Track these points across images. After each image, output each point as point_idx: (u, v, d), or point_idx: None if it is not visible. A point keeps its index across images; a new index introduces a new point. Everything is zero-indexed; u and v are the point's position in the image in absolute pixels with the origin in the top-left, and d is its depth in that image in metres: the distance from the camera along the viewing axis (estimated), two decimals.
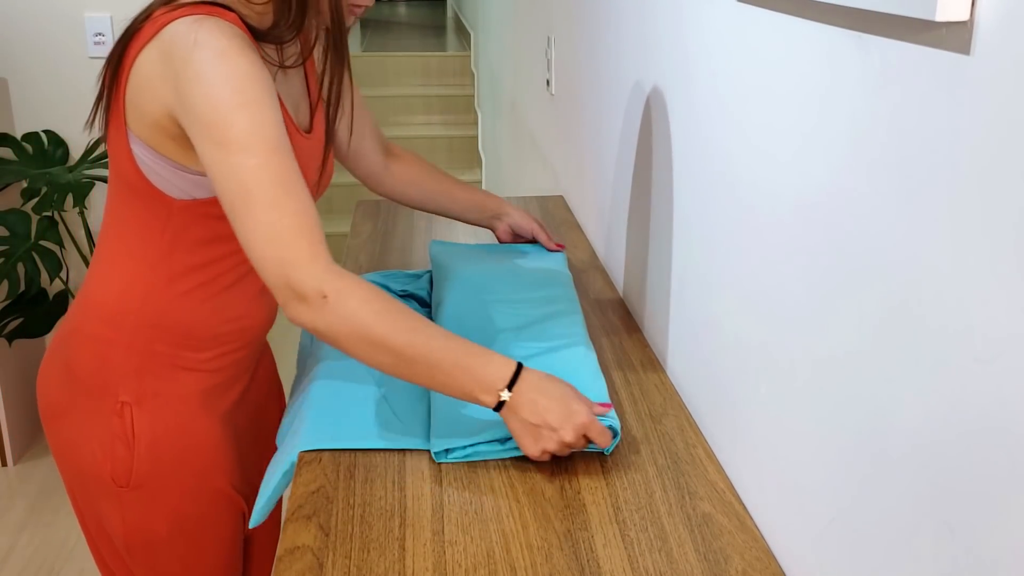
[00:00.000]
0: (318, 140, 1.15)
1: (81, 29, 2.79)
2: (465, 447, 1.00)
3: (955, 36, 0.57)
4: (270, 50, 1.05)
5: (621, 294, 1.49)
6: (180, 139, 0.98)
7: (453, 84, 5.86)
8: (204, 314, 1.10)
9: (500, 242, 1.50)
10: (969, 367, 0.56)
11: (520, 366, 0.96)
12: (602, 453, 1.02)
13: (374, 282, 1.35)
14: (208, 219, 1.05)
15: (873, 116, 0.67)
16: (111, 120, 1.02)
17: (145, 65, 0.96)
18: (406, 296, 1.37)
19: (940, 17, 0.56)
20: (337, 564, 0.86)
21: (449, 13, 9.00)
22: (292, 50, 1.09)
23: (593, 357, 1.15)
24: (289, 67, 1.08)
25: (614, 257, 1.54)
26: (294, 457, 1.02)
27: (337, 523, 0.91)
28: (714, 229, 1.03)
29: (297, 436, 1.04)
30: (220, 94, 0.91)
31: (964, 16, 0.55)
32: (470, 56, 5.83)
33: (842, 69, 0.71)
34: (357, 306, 0.91)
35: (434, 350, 0.93)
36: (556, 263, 1.45)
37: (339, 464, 1.01)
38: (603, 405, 0.99)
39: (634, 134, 1.38)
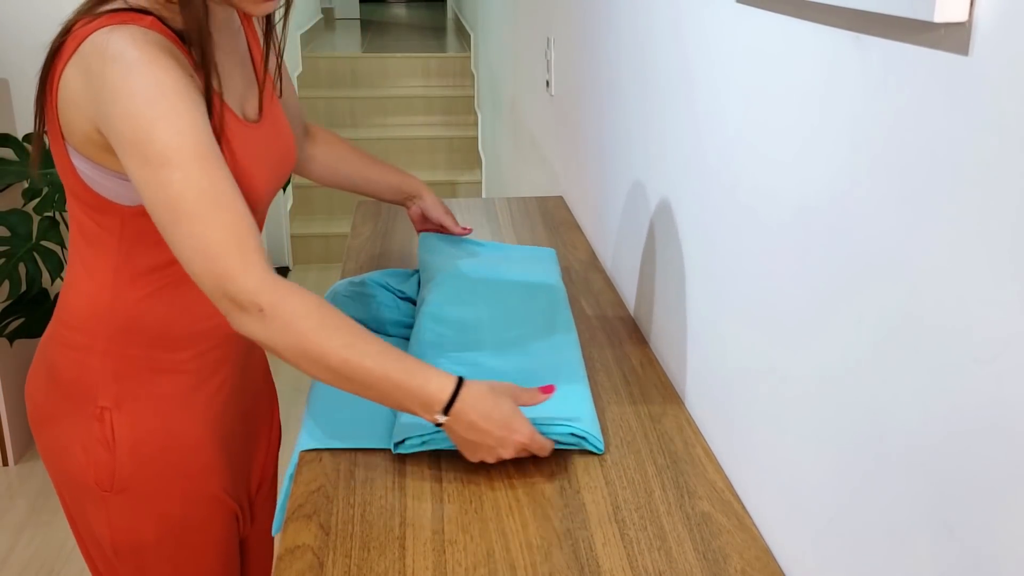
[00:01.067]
0: (272, 127, 1.14)
1: None
2: (421, 436, 1.00)
3: (954, 37, 0.57)
4: (234, 40, 1.05)
5: (621, 294, 1.49)
6: (112, 149, 0.98)
7: (453, 85, 5.86)
8: (174, 314, 1.09)
9: (413, 223, 1.52)
10: (969, 367, 0.57)
11: (460, 381, 0.95)
12: (601, 452, 1.02)
13: (376, 282, 1.35)
14: None
15: (872, 117, 0.67)
16: (50, 135, 1.02)
17: (69, 82, 0.95)
18: (404, 299, 1.36)
19: (939, 18, 0.56)
20: (337, 563, 0.86)
21: (449, 14, 9.00)
22: (231, 45, 1.09)
23: (581, 370, 1.13)
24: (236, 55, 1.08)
25: (614, 257, 1.54)
26: (295, 457, 1.02)
27: (337, 522, 0.92)
28: (713, 229, 1.03)
29: (299, 436, 1.05)
30: (135, 110, 0.90)
31: (962, 17, 0.55)
32: (470, 57, 5.84)
33: (841, 70, 0.71)
34: (291, 320, 0.90)
35: (370, 369, 0.92)
36: (548, 274, 1.42)
37: (339, 464, 1.01)
38: (544, 390, 1.00)
39: (634, 135, 1.38)
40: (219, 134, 1.01)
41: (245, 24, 1.16)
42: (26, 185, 2.65)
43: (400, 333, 1.29)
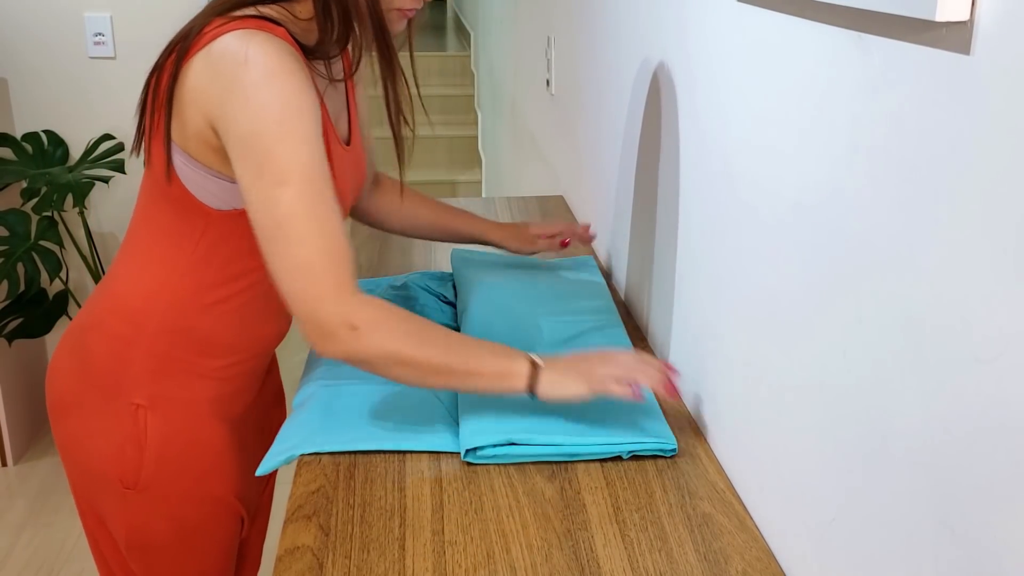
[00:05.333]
0: (356, 151, 1.16)
1: (81, 29, 2.79)
2: (495, 445, 0.99)
3: (955, 36, 0.57)
4: (320, 65, 1.05)
5: (623, 294, 1.49)
6: (221, 151, 0.98)
7: (453, 84, 5.86)
8: (224, 324, 1.10)
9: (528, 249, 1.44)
10: (970, 367, 0.56)
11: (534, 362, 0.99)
12: (603, 458, 1.01)
13: (416, 284, 1.37)
14: (246, 229, 1.04)
15: (873, 116, 0.67)
16: (155, 128, 1.02)
17: (191, 76, 0.95)
18: (446, 302, 1.37)
19: (940, 17, 0.56)
20: (337, 564, 0.86)
21: (449, 13, 9.00)
22: (340, 64, 1.09)
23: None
24: (339, 81, 1.08)
25: (615, 257, 1.54)
26: (294, 454, 1.02)
27: (337, 523, 0.91)
28: (715, 229, 1.03)
29: (298, 436, 1.04)
30: (264, 120, 0.92)
31: (964, 16, 0.55)
32: (470, 56, 5.83)
33: (842, 69, 0.71)
34: (387, 333, 0.94)
35: (467, 358, 0.97)
36: (588, 272, 1.45)
37: (339, 464, 1.01)
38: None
39: (634, 134, 1.38)
40: (328, 150, 1.03)
41: None
42: (24, 185, 2.65)
43: None
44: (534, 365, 0.97)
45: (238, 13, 0.96)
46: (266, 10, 0.98)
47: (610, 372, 0.98)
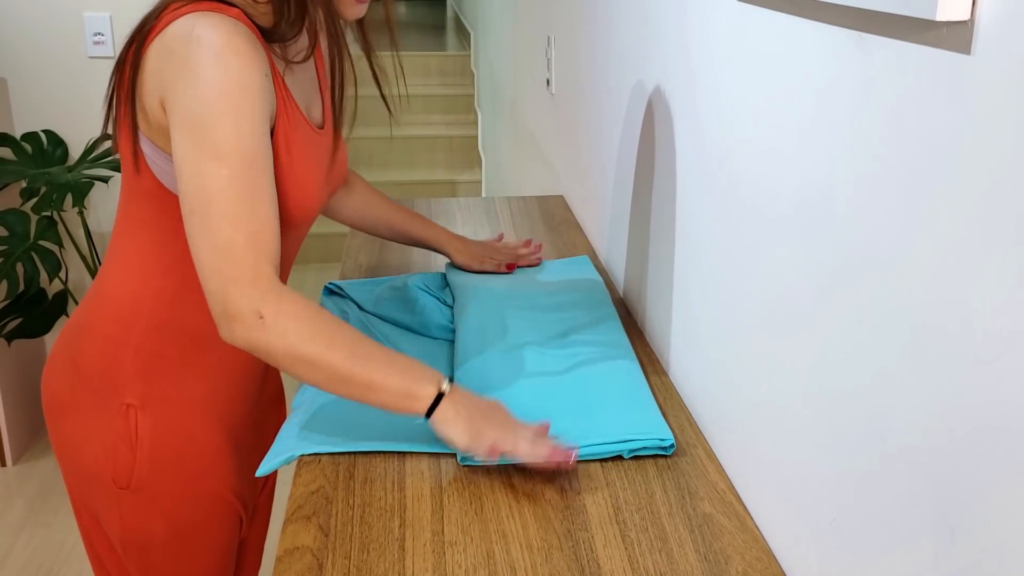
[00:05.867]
0: (329, 136, 1.15)
1: (80, 29, 2.79)
2: None
3: (955, 36, 0.56)
4: (276, 47, 1.05)
5: (622, 294, 1.49)
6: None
7: (453, 84, 5.85)
8: (211, 317, 1.10)
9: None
10: (970, 367, 0.56)
11: (451, 379, 0.97)
12: (603, 458, 1.01)
13: (417, 286, 1.37)
14: None
15: (873, 116, 0.67)
16: (120, 121, 1.02)
17: (148, 61, 0.97)
18: (446, 304, 1.37)
19: (940, 17, 0.56)
20: (337, 564, 0.86)
21: (449, 13, 9.00)
22: (299, 46, 1.09)
23: (637, 370, 1.16)
24: (297, 63, 1.08)
25: (615, 257, 1.54)
26: (294, 455, 1.02)
27: (337, 524, 0.91)
28: (715, 229, 1.03)
29: (298, 436, 1.04)
30: (208, 97, 0.92)
31: (964, 16, 0.55)
32: (470, 56, 5.83)
33: (843, 68, 0.71)
34: (294, 327, 0.92)
35: (373, 370, 0.94)
36: (585, 270, 1.46)
37: (339, 464, 1.01)
38: (564, 452, 0.95)
39: (635, 133, 1.38)
40: (289, 134, 1.03)
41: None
42: (24, 185, 2.65)
43: (444, 336, 1.30)
44: (440, 393, 0.95)
45: None
46: None
47: (496, 438, 0.94)
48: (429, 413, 0.95)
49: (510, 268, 1.46)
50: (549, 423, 0.99)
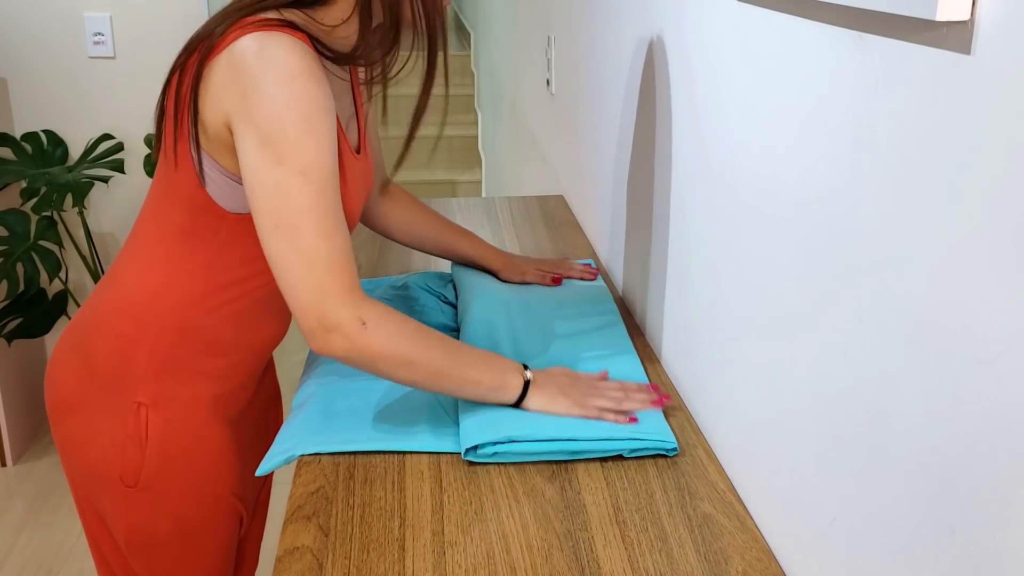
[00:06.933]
0: (365, 160, 1.16)
1: (80, 29, 2.78)
2: (495, 443, 0.99)
3: (956, 36, 0.56)
4: (340, 70, 1.05)
5: (621, 293, 1.49)
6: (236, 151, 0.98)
7: (453, 84, 5.84)
8: (228, 324, 1.11)
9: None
10: (970, 367, 0.56)
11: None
12: (603, 457, 1.01)
13: (417, 285, 1.38)
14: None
15: (873, 116, 0.67)
16: (178, 129, 1.01)
17: (211, 76, 0.96)
18: (447, 303, 1.37)
19: (940, 17, 0.56)
20: (337, 565, 0.86)
21: (449, 13, 8.99)
22: (354, 70, 1.09)
23: (640, 372, 1.17)
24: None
25: (615, 256, 1.54)
26: (294, 455, 1.02)
27: (337, 524, 0.91)
28: (714, 229, 1.03)
29: (297, 436, 1.04)
30: (288, 117, 0.92)
31: (964, 16, 0.55)
32: (470, 56, 5.83)
33: (842, 69, 0.71)
34: (395, 331, 0.96)
35: (465, 365, 1.01)
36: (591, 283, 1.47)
37: (339, 464, 1.01)
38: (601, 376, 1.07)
39: (634, 133, 1.38)
40: (340, 157, 1.04)
41: None
42: (24, 185, 2.65)
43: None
44: (527, 382, 1.03)
45: (261, 16, 0.96)
46: (288, 15, 0.99)
47: (600, 404, 1.03)
48: (519, 403, 1.02)
49: (556, 281, 1.45)
50: (607, 370, 1.12)
